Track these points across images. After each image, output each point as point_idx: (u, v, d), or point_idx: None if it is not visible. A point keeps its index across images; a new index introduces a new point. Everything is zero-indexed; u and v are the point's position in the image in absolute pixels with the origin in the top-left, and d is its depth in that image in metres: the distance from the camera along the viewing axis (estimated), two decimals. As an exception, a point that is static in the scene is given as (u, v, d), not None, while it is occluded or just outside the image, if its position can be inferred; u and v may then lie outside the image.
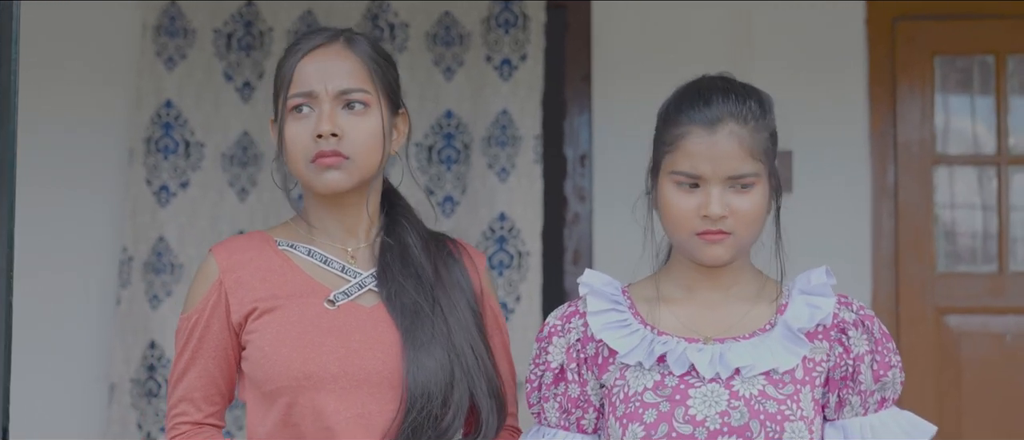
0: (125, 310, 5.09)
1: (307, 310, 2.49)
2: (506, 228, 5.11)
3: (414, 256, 2.55)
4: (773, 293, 2.49)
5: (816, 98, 5.30)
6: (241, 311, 2.51)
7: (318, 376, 2.44)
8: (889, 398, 2.51)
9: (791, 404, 2.36)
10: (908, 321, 5.29)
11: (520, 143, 5.13)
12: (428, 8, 5.17)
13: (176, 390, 2.57)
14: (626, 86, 5.27)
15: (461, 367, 2.46)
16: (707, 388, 2.36)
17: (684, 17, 5.33)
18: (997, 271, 5.37)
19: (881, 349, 2.48)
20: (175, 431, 2.56)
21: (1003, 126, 5.37)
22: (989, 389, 5.25)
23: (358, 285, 2.53)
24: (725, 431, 2.33)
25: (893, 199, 5.35)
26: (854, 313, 2.47)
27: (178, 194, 5.16)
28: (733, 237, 2.39)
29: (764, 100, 2.48)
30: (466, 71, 5.16)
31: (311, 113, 2.50)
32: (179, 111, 5.17)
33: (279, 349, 2.46)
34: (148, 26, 5.18)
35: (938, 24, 5.36)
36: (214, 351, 2.54)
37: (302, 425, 2.45)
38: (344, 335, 2.47)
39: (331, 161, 2.47)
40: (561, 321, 2.51)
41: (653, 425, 2.34)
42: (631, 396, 2.38)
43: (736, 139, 2.38)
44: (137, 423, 5.07)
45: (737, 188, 2.38)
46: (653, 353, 2.39)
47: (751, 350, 2.39)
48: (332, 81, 2.50)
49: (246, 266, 2.54)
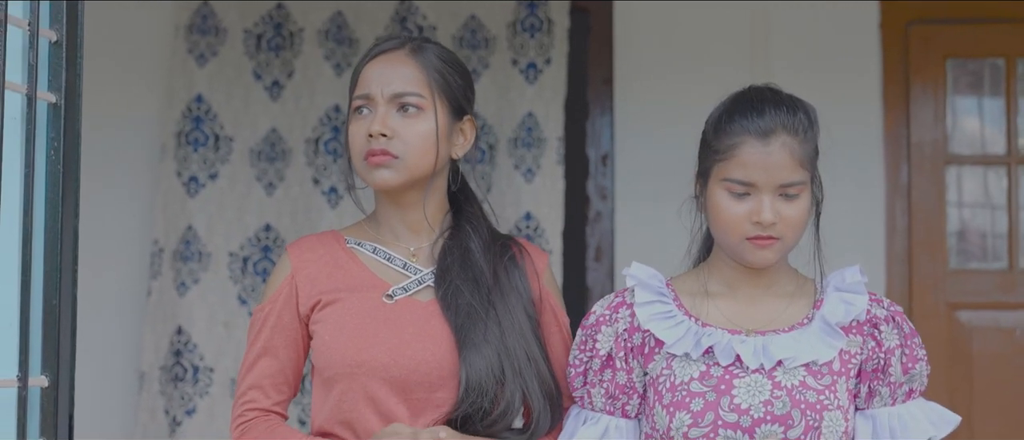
0: (155, 300, 5.15)
1: (365, 303, 2.57)
2: (532, 227, 5.14)
3: (474, 260, 2.60)
4: (809, 290, 2.56)
5: (831, 99, 5.07)
6: (308, 303, 2.59)
7: (370, 365, 2.51)
8: (916, 390, 2.54)
9: (829, 394, 2.41)
10: (921, 316, 5.31)
11: (545, 144, 5.16)
12: (455, 11, 5.21)
13: (247, 378, 2.64)
14: (647, 88, 5.30)
15: (512, 368, 2.52)
16: (751, 378, 2.41)
17: (703, 21, 5.36)
18: (1007, 268, 5.40)
19: (910, 343, 2.52)
20: (244, 417, 2.64)
21: (1013, 127, 5.40)
22: (999, 382, 5.28)
23: (417, 281, 2.60)
24: (768, 419, 2.38)
25: (906, 198, 5.37)
26: (886, 310, 2.53)
27: (207, 185, 5.20)
28: (781, 242, 2.45)
29: (811, 111, 2.56)
30: (492, 73, 5.19)
31: (368, 114, 2.58)
32: (209, 106, 5.21)
33: (337, 338, 2.54)
34: (181, 26, 5.23)
35: (950, 28, 5.38)
36: (285, 341, 2.62)
37: (355, 411, 2.53)
38: (398, 327, 2.54)
39: (380, 160, 2.54)
40: (609, 311, 2.55)
41: (700, 413, 2.39)
42: (677, 385, 2.43)
43: (788, 150, 2.44)
44: (164, 409, 5.11)
45: (786, 196, 2.44)
46: (700, 344, 2.44)
47: (792, 343, 2.44)
48: (389, 85, 2.57)
49: (315, 262, 2.62)
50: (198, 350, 5.12)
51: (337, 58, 5.22)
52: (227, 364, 5.00)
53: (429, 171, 2.59)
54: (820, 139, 2.57)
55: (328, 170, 5.14)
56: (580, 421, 2.54)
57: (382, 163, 2.55)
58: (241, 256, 5.18)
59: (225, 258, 5.18)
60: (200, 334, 5.12)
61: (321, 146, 5.17)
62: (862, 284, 2.54)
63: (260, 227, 5.20)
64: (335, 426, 2.56)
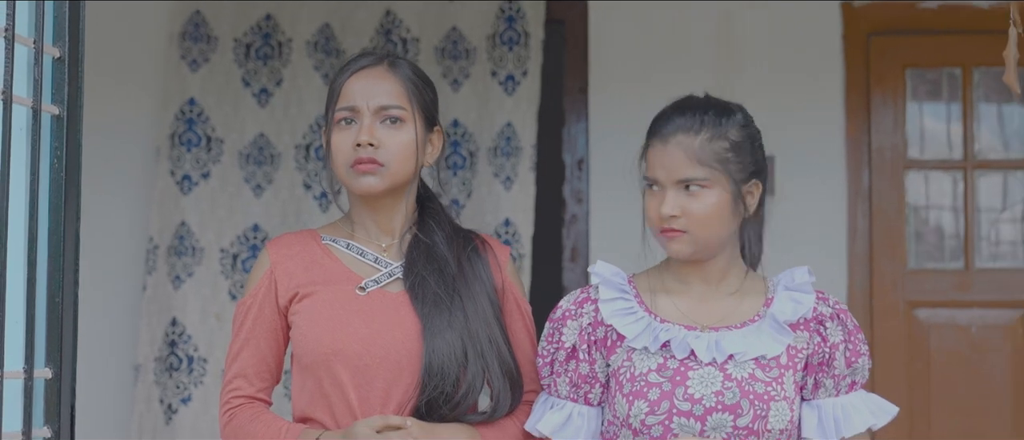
0: (150, 295, 5.13)
1: (340, 295, 2.67)
2: (511, 233, 5.14)
3: (439, 252, 2.70)
4: (761, 288, 2.64)
5: (797, 107, 5.33)
6: (287, 295, 2.69)
7: (344, 352, 2.61)
8: (859, 382, 2.62)
9: (776, 386, 2.50)
10: (881, 314, 5.33)
11: (522, 153, 5.15)
12: (437, 23, 5.21)
13: (232, 367, 2.73)
14: (620, 96, 5.30)
15: (475, 350, 2.61)
16: (704, 371, 2.50)
17: (673, 33, 5.36)
18: (963, 268, 5.40)
19: (853, 339, 2.60)
20: (230, 404, 2.72)
21: (969, 133, 5.40)
22: (956, 377, 5.29)
23: (387, 274, 2.69)
24: (719, 408, 2.47)
25: (867, 201, 5.37)
26: (831, 308, 2.61)
27: (199, 183, 5.18)
28: (689, 235, 2.53)
29: (730, 114, 2.61)
30: (472, 83, 5.18)
31: (353, 125, 2.67)
32: (202, 108, 5.20)
33: (314, 328, 2.64)
34: (174, 33, 5.21)
35: (909, 39, 5.38)
36: (266, 332, 2.71)
37: (331, 395, 2.63)
38: (369, 317, 2.64)
39: (368, 167, 2.64)
40: (574, 306, 2.63)
41: (656, 402, 2.48)
42: (637, 376, 2.51)
43: (683, 148, 2.52)
44: (160, 398, 5.10)
45: (690, 191, 2.52)
46: (658, 339, 2.53)
47: (743, 338, 2.53)
48: (373, 98, 2.67)
49: (293, 258, 2.72)
50: (192, 341, 5.11)
51: (326, 68, 5.21)
52: (219, 355, 4.98)
53: (409, 177, 2.69)
54: (739, 139, 2.60)
55: (319, 176, 5.13)
56: (547, 407, 2.62)
57: (369, 170, 2.63)
58: (231, 252, 5.17)
59: (217, 253, 5.16)
60: (194, 325, 5.12)
61: (312, 152, 5.17)
62: (810, 284, 2.61)
63: (248, 226, 5.19)
64: (314, 410, 2.64)
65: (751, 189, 2.60)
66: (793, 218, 5.25)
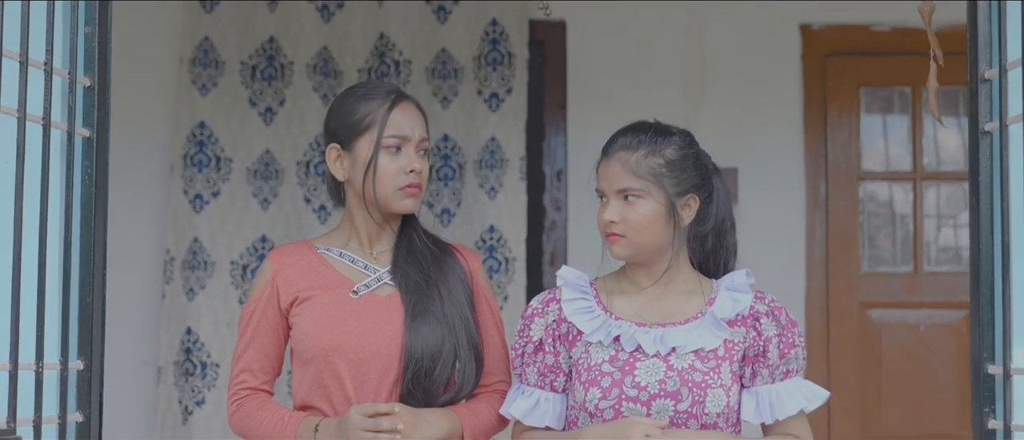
0: (168, 303, 5.21)
1: (335, 298, 2.86)
2: (495, 238, 5.21)
3: (418, 249, 2.91)
4: (707, 288, 2.82)
5: (758, 122, 5.40)
6: (288, 299, 2.89)
7: (341, 348, 2.81)
8: (793, 371, 2.78)
9: (713, 375, 2.69)
10: (836, 314, 5.41)
11: (507, 165, 5.21)
12: (427, 46, 5.27)
13: (239, 363, 2.93)
14: (596, 112, 5.36)
15: (450, 332, 2.82)
16: (650, 362, 2.69)
17: (645, 54, 5.43)
18: (913, 271, 5.48)
19: (786, 333, 2.77)
20: (238, 395, 2.92)
21: (918, 147, 5.48)
22: (905, 372, 5.39)
23: (376, 279, 2.89)
24: (661, 394, 2.66)
25: (824, 209, 5.44)
26: (766, 305, 2.78)
27: (210, 202, 5.24)
28: (626, 239, 2.72)
29: (667, 136, 2.78)
30: (460, 101, 5.25)
31: (401, 152, 2.86)
32: (211, 131, 5.26)
33: (313, 328, 2.84)
34: (185, 59, 5.27)
35: (863, 60, 5.46)
36: (269, 331, 2.91)
37: (330, 386, 2.83)
38: (362, 317, 2.84)
39: (414, 191, 2.86)
40: (541, 305, 2.82)
41: (608, 389, 2.67)
42: (592, 366, 2.71)
43: (621, 163, 2.71)
44: (178, 399, 5.19)
45: (628, 200, 2.71)
46: (610, 333, 2.72)
47: (685, 333, 2.72)
48: (417, 130, 2.88)
49: (293, 266, 2.92)
50: (206, 348, 5.18)
51: (324, 89, 5.24)
52: (230, 360, 4.97)
53: None
54: (674, 157, 2.76)
55: (318, 190, 5.18)
56: (518, 393, 2.81)
57: (414, 194, 2.86)
58: (241, 264, 5.21)
59: (227, 266, 5.21)
60: (207, 334, 5.18)
61: (311, 169, 5.21)
62: (748, 285, 2.79)
63: (256, 238, 5.24)
64: (314, 399, 2.84)
65: (688, 202, 2.76)
66: (755, 225, 5.24)
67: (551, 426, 2.80)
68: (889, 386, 5.42)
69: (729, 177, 5.13)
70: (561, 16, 5.45)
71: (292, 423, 2.83)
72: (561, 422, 2.80)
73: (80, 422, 2.62)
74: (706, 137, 5.34)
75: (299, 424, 2.82)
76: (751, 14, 5.45)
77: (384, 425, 2.72)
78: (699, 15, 5.45)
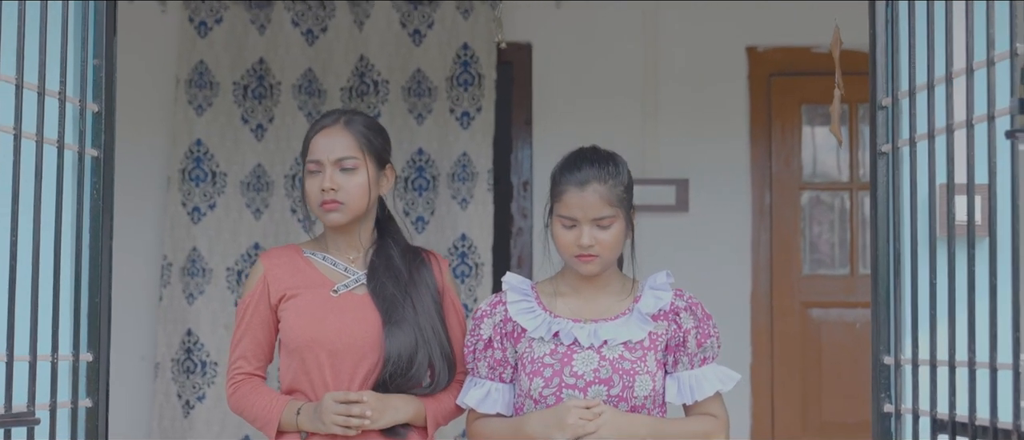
0: (166, 304, 5.32)
1: (318, 296, 3.05)
2: (466, 245, 5.29)
3: (395, 263, 3.08)
4: (633, 288, 3.01)
5: (708, 136, 5.49)
6: (277, 296, 3.08)
7: (321, 340, 3.00)
8: (710, 357, 2.96)
9: (640, 363, 2.88)
10: (779, 313, 5.51)
11: (476, 177, 5.28)
12: (404, 67, 5.37)
13: (235, 351, 3.11)
14: (559, 126, 5.48)
15: (423, 339, 3.00)
16: (585, 353, 2.88)
17: (604, 74, 5.53)
18: (849, 274, 5.57)
19: (702, 325, 2.96)
20: (234, 379, 3.11)
21: (854, 160, 5.56)
22: (843, 366, 5.47)
23: (354, 280, 3.08)
24: (596, 381, 2.86)
25: (769, 217, 5.53)
26: (685, 302, 2.97)
27: (207, 214, 5.34)
28: (600, 258, 2.90)
29: (620, 163, 2.95)
30: (434, 118, 5.34)
31: (320, 173, 3.04)
32: (207, 148, 5.35)
33: (298, 321, 3.03)
34: (181, 80, 5.36)
35: (804, 79, 5.53)
36: (261, 324, 3.09)
37: (311, 372, 3.02)
38: (341, 314, 3.02)
39: (331, 207, 3.03)
40: (489, 307, 3.00)
41: (550, 378, 2.87)
42: (536, 359, 2.90)
43: (598, 194, 2.87)
44: (177, 393, 5.30)
45: (600, 226, 2.88)
46: (550, 329, 2.91)
47: (615, 328, 2.91)
48: (332, 153, 3.04)
49: (281, 266, 3.10)
50: (205, 348, 5.26)
51: (309, 108, 5.33)
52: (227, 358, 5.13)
53: (364, 209, 3.07)
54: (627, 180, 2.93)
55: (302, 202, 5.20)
56: (471, 385, 3.00)
57: (333, 209, 3.02)
58: (236, 270, 5.29)
59: (223, 272, 5.30)
60: (206, 335, 5.27)
61: (296, 182, 5.24)
62: (668, 284, 2.97)
63: (250, 245, 5.33)
64: (298, 384, 3.04)
65: (631, 215, 2.97)
66: (704, 232, 5.44)
67: (501, 412, 2.97)
68: (828, 378, 5.50)
69: (681, 187, 5.39)
70: (528, 39, 5.54)
71: (279, 405, 3.02)
72: (510, 409, 2.98)
73: (89, 407, 2.79)
74: (660, 150, 5.52)
75: (284, 407, 3.02)
76: (702, 37, 5.54)
77: (354, 411, 2.92)
78: (654, 39, 5.53)
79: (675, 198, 5.47)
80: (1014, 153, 2.21)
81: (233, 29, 5.42)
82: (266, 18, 5.43)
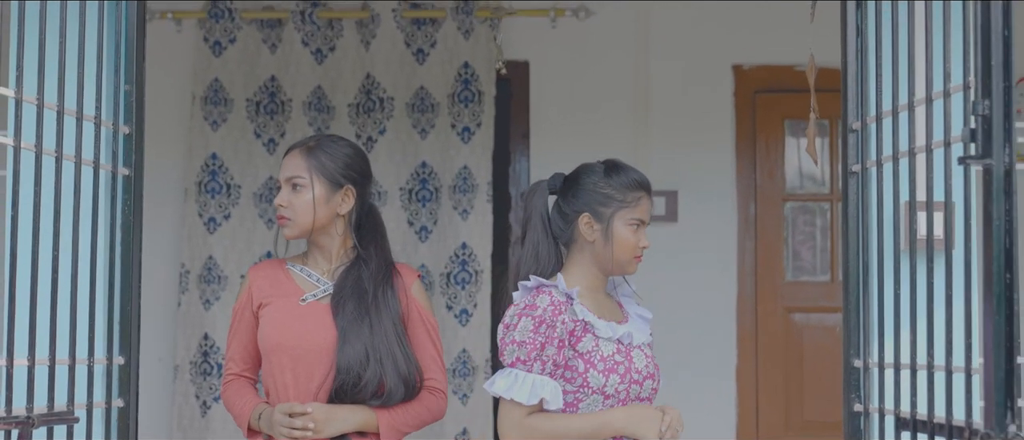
0: (184, 310, 5.39)
1: (287, 305, 3.21)
2: (467, 254, 5.34)
3: (362, 283, 3.20)
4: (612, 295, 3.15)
5: (697, 150, 5.53)
6: (257, 303, 3.24)
7: (284, 345, 3.16)
8: None
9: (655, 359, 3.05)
10: (764, 317, 5.54)
11: (477, 189, 5.32)
12: (408, 84, 5.41)
13: (227, 354, 3.29)
14: (555, 139, 5.53)
15: (375, 358, 3.11)
16: (636, 351, 2.98)
17: (598, 91, 5.56)
18: (829, 280, 5.59)
19: None
20: (225, 379, 3.31)
21: (834, 172, 5.59)
22: (823, 368, 5.49)
23: (322, 291, 3.23)
24: (648, 376, 2.98)
25: (753, 226, 5.56)
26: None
27: (222, 224, 5.41)
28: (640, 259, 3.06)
29: None
30: (436, 133, 5.38)
31: (278, 193, 3.23)
32: (222, 161, 5.40)
33: (267, 328, 3.19)
34: (197, 97, 5.42)
35: (787, 96, 5.55)
36: (247, 329, 3.26)
37: (276, 376, 3.17)
38: (304, 321, 3.17)
39: (281, 221, 3.22)
40: (557, 307, 2.89)
41: (623, 374, 2.93)
42: (606, 357, 2.92)
43: (652, 201, 3.04)
44: (195, 394, 5.38)
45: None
46: (615, 331, 2.95)
47: (636, 329, 3.02)
48: (286, 171, 3.22)
49: (264, 278, 3.27)
50: (221, 351, 5.29)
51: (318, 123, 5.37)
52: None
53: (311, 225, 3.20)
54: None
55: None
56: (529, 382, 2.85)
57: (282, 224, 3.21)
58: None
59: (238, 280, 5.32)
60: (222, 339, 5.28)
61: None
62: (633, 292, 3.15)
63: (263, 253, 5.38)
64: (268, 385, 3.20)
65: None
66: (692, 241, 5.49)
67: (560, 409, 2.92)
68: (810, 379, 5.54)
69: (671, 198, 5.45)
70: (525, 57, 5.59)
71: (248, 408, 3.20)
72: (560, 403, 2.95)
73: (121, 407, 2.93)
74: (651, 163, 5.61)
75: (252, 410, 3.19)
76: (691, 56, 5.58)
77: (297, 424, 3.05)
78: (645, 58, 5.57)
79: (665, 209, 5.52)
80: (966, 177, 2.34)
81: (246, 48, 5.47)
82: (277, 38, 5.48)
